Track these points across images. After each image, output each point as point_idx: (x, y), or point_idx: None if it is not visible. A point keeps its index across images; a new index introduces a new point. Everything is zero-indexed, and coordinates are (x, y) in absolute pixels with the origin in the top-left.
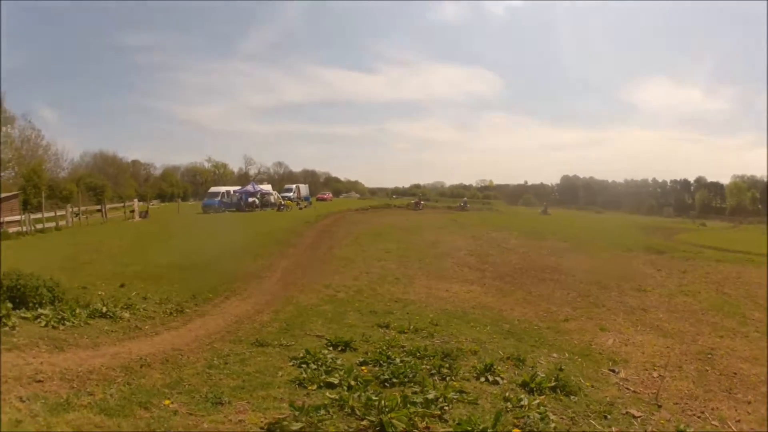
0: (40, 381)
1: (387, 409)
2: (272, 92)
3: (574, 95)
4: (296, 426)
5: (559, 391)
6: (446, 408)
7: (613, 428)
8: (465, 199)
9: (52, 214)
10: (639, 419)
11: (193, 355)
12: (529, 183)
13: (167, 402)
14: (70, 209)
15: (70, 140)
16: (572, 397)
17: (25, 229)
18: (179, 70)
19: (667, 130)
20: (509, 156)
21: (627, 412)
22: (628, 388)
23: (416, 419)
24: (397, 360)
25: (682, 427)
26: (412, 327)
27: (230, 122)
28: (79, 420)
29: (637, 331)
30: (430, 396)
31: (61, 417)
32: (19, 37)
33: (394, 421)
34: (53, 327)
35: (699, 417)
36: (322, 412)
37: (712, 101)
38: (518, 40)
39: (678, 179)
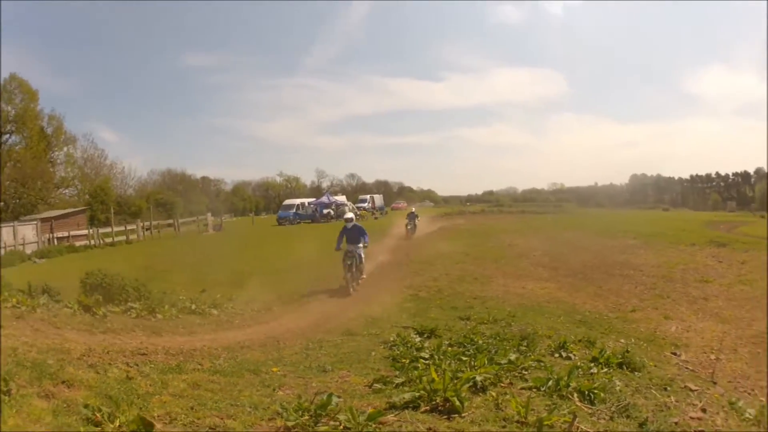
0: (144, 354)
1: (477, 367)
2: (339, 106)
3: (636, 88)
4: (399, 380)
5: (625, 367)
6: (525, 372)
7: (672, 398)
8: (413, 210)
9: (121, 228)
10: (695, 392)
11: (288, 341)
12: (599, 184)
13: (275, 369)
14: (141, 224)
15: (135, 160)
16: (636, 372)
17: (93, 242)
18: (242, 88)
19: (727, 119)
20: (579, 156)
21: (685, 386)
22: (687, 368)
23: (501, 374)
24: (480, 342)
25: (733, 400)
26: (491, 318)
27: (299, 137)
28: (194, 377)
29: (698, 318)
30: (512, 357)
31: (174, 375)
32: (79, 61)
33: (484, 375)
34: (144, 318)
35: (749, 393)
36: (419, 371)
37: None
38: (577, 37)
39: (739, 171)
